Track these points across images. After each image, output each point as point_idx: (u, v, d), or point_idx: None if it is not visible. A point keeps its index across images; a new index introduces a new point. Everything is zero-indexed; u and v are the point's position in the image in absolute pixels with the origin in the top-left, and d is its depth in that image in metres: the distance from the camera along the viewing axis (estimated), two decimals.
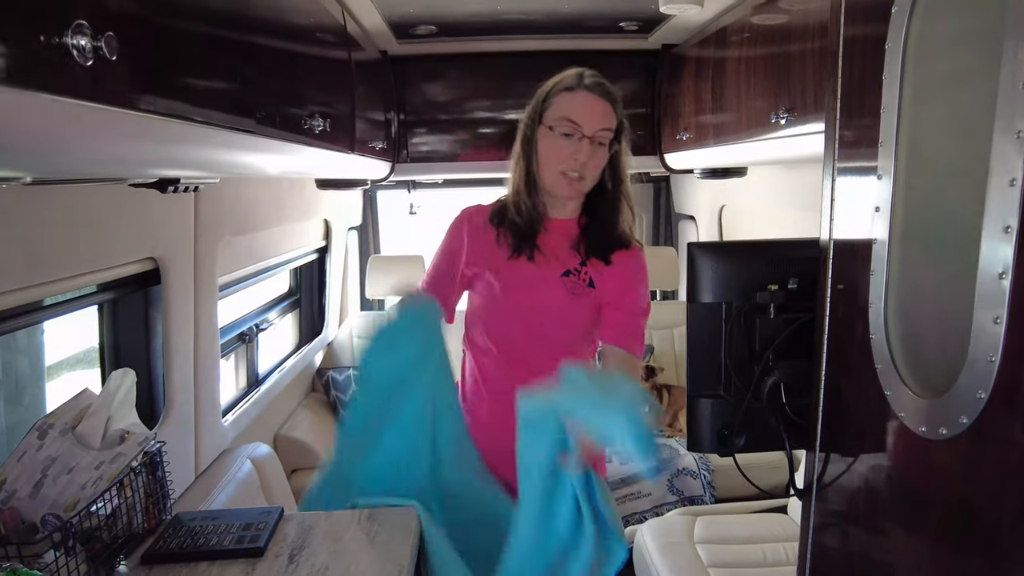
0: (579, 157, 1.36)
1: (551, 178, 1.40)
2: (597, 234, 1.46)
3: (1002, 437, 0.65)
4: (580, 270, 1.45)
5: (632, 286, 1.47)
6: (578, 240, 1.46)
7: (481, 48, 2.78)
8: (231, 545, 1.21)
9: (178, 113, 0.87)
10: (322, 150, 1.69)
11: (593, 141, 1.37)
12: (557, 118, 1.38)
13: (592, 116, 1.37)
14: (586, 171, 1.38)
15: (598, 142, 1.38)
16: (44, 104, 0.62)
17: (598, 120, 1.37)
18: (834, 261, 1.03)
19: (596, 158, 1.39)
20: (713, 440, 1.20)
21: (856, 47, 0.96)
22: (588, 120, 1.36)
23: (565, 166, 1.37)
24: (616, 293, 1.46)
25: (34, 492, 1.08)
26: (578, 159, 1.36)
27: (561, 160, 1.38)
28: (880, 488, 0.90)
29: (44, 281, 1.28)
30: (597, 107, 1.38)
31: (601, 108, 1.38)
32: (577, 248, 1.46)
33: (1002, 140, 0.63)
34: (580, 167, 1.37)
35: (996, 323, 0.65)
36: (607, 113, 1.38)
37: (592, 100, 1.38)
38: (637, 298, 1.48)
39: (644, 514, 2.80)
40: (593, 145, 1.37)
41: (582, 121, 1.36)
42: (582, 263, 1.46)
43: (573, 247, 1.46)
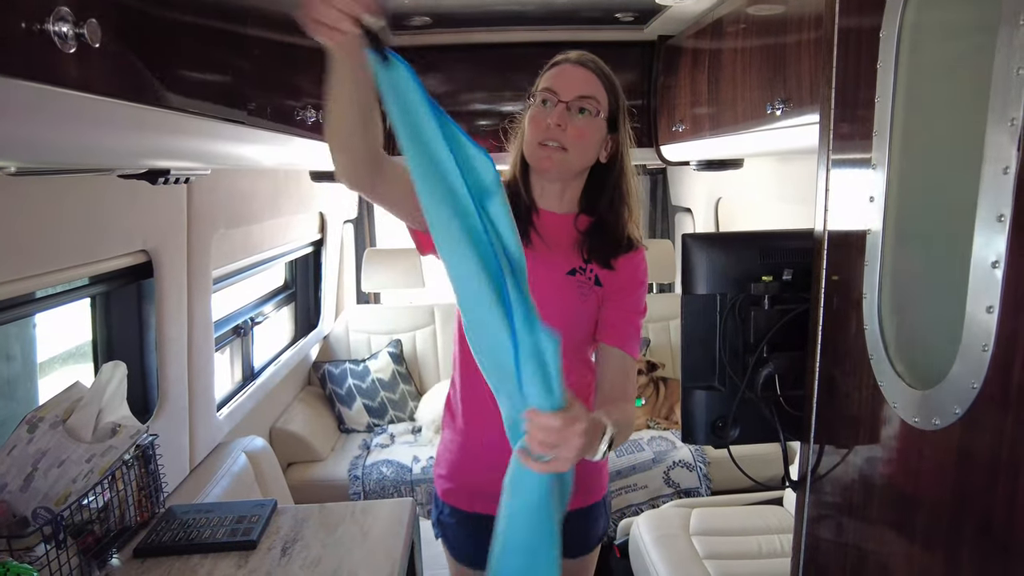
0: (551, 120, 1.28)
1: (532, 152, 1.33)
2: (601, 239, 1.38)
3: (994, 427, 0.65)
4: (586, 268, 1.38)
5: (635, 286, 1.41)
6: (580, 242, 1.39)
7: (476, 39, 2.76)
8: (224, 538, 1.21)
9: (166, 103, 0.86)
10: (315, 141, 1.68)
11: (571, 108, 1.30)
12: (540, 90, 1.34)
13: (569, 82, 1.31)
14: (564, 139, 1.29)
15: (578, 109, 1.30)
16: (24, 91, 0.61)
17: (576, 86, 1.31)
18: (828, 252, 1.02)
19: (576, 127, 1.30)
20: (707, 432, 1.20)
21: (851, 37, 0.96)
22: (564, 86, 1.31)
23: (543, 135, 1.30)
24: (618, 292, 1.39)
25: (25, 485, 1.07)
26: (550, 123, 1.29)
27: (540, 130, 1.31)
28: (874, 479, 0.90)
29: (34, 273, 1.27)
30: (576, 74, 1.32)
31: (580, 75, 1.32)
32: (580, 249, 1.38)
33: (996, 127, 0.63)
34: (557, 134, 1.29)
35: (989, 312, 0.64)
36: (587, 80, 1.32)
37: (571, 68, 1.33)
38: (638, 298, 1.41)
39: (640, 506, 2.81)
40: (571, 113, 1.30)
41: (558, 87, 1.31)
42: (586, 260, 1.38)
43: (574, 246, 1.39)
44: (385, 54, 0.90)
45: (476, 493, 1.43)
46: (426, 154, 0.97)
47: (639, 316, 1.42)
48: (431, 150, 0.97)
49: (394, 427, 3.22)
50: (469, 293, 1.00)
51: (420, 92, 0.94)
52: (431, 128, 0.95)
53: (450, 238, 0.98)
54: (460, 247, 0.98)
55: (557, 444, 0.99)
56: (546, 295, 1.30)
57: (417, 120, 0.95)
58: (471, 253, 0.99)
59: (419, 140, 0.95)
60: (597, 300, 1.38)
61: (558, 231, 1.39)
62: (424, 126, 0.95)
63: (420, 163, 0.96)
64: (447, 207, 0.98)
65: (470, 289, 1.00)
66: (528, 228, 1.36)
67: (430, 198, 0.97)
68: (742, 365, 1.14)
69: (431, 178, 0.97)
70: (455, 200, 0.99)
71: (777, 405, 1.12)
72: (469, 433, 1.43)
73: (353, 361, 3.37)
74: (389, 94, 0.93)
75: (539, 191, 1.39)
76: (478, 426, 1.43)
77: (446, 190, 0.98)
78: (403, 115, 0.94)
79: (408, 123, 0.94)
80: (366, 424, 3.24)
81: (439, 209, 0.98)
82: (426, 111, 0.95)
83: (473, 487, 1.43)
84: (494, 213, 1.02)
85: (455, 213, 0.99)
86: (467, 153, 1.00)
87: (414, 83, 0.93)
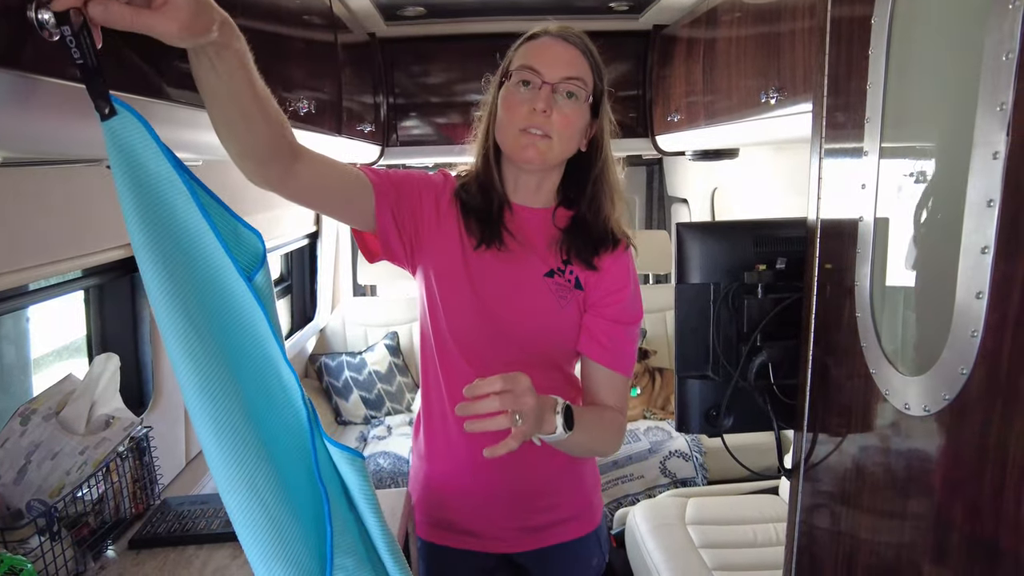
0: (537, 105, 1.12)
1: (511, 140, 1.16)
2: (581, 236, 1.23)
3: (983, 412, 0.65)
4: (564, 269, 1.23)
5: (622, 290, 1.24)
6: (558, 240, 1.23)
7: (471, 29, 2.75)
8: (219, 529, 1.22)
9: (156, 92, 0.85)
10: (308, 132, 1.67)
11: (557, 91, 1.14)
12: (516, 68, 1.16)
13: (555, 61, 1.15)
14: (550, 127, 1.14)
15: (564, 92, 1.14)
16: (12, 82, 0.60)
17: (562, 66, 1.14)
18: (821, 240, 1.02)
19: (563, 114, 1.14)
20: (701, 421, 1.20)
21: (843, 25, 0.95)
22: (549, 65, 1.14)
23: (525, 121, 1.14)
24: (604, 298, 1.24)
25: (18, 478, 1.07)
26: (536, 108, 1.12)
27: (520, 115, 1.14)
28: (867, 466, 0.90)
29: (26, 266, 1.27)
30: (561, 51, 1.16)
31: (566, 53, 1.16)
32: (558, 248, 1.23)
33: (985, 112, 0.62)
34: (542, 121, 1.13)
35: (979, 298, 0.64)
36: (574, 60, 1.16)
37: (555, 43, 1.16)
38: (627, 304, 1.25)
39: (636, 496, 2.82)
40: (558, 95, 1.14)
41: (541, 66, 1.14)
42: (565, 261, 1.23)
43: (552, 245, 1.24)
44: (108, 101, 0.67)
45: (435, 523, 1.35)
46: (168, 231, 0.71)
47: (631, 325, 1.26)
48: (178, 223, 0.72)
49: (391, 419, 3.23)
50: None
51: (162, 151, 0.71)
52: (179, 199, 0.72)
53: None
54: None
55: (511, 404, 0.93)
56: (520, 301, 1.20)
57: (157, 190, 0.71)
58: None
59: (156, 211, 0.71)
60: (578, 306, 1.23)
61: (534, 228, 1.24)
62: (169, 197, 0.72)
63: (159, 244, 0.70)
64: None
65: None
66: (499, 228, 1.21)
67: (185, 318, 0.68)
68: (736, 354, 1.14)
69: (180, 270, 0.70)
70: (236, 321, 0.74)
71: (771, 394, 1.12)
72: (450, 476, 1.31)
73: (350, 353, 3.37)
74: (114, 154, 0.69)
75: (512, 184, 1.24)
76: (461, 467, 1.29)
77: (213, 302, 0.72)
78: (133, 183, 0.69)
79: (144, 195, 0.70)
80: (363, 416, 3.25)
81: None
82: (171, 176, 0.72)
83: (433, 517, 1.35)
84: (262, 287, 0.79)
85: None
86: (231, 225, 0.80)
87: (153, 140, 0.71)
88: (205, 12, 0.72)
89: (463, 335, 1.21)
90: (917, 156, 0.83)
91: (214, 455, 0.68)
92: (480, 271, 1.21)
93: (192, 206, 0.71)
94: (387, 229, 1.17)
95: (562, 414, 1.03)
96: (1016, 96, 0.60)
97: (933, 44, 0.80)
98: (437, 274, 1.22)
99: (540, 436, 1.05)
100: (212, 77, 0.80)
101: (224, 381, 0.69)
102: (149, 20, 0.67)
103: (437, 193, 1.23)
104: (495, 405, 0.94)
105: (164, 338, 0.68)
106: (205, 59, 0.78)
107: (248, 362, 0.75)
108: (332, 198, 1.13)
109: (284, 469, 0.73)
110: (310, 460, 0.79)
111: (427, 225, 1.21)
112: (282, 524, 0.70)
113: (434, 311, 1.23)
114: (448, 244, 1.21)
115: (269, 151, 0.93)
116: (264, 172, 0.97)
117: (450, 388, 1.24)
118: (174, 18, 0.68)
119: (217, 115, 0.87)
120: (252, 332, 0.75)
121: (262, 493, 0.69)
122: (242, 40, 0.81)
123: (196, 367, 0.67)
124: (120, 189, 0.69)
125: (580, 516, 1.34)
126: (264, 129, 0.89)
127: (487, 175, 1.22)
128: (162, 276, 0.68)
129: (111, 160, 0.69)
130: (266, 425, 0.73)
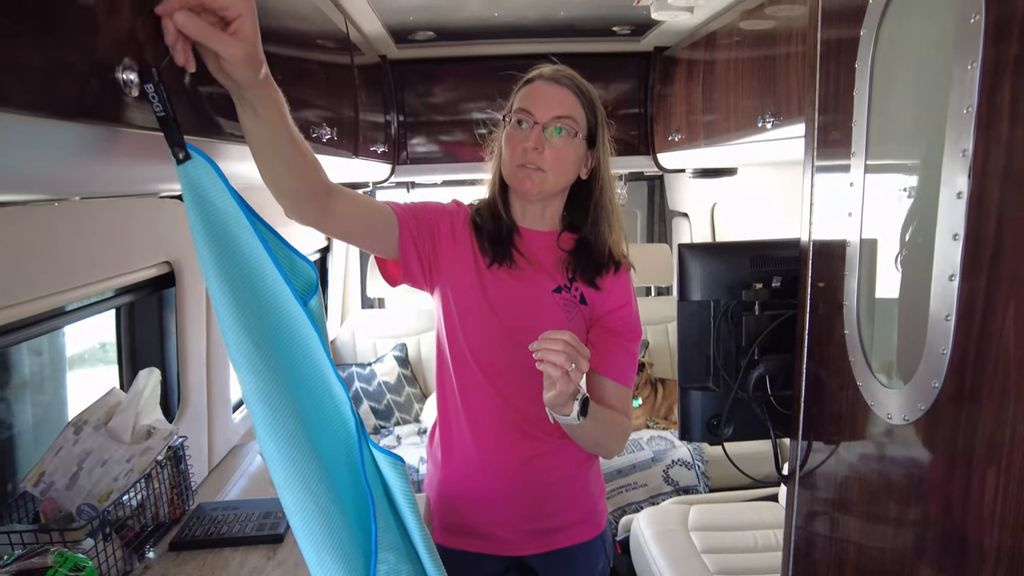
0: (528, 144, 1.25)
1: (511, 173, 1.30)
2: (585, 257, 1.35)
3: (952, 421, 0.73)
4: (570, 286, 1.35)
5: (624, 307, 1.37)
6: (564, 261, 1.36)
7: (477, 52, 2.84)
8: (252, 532, 1.29)
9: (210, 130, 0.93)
10: (331, 157, 1.75)
11: (548, 128, 1.26)
12: (515, 110, 1.30)
13: (545, 102, 1.27)
14: (542, 162, 1.26)
15: (555, 129, 1.27)
16: (98, 133, 0.69)
17: (552, 106, 1.27)
18: (814, 260, 1.09)
19: (554, 149, 1.27)
20: (703, 429, 1.26)
21: (831, 57, 1.03)
22: (540, 106, 1.27)
23: (521, 158, 1.27)
24: (607, 315, 1.36)
25: (70, 483, 1.15)
26: (527, 146, 1.25)
27: (517, 153, 1.28)
28: (856, 472, 0.97)
29: (65, 288, 1.34)
30: (551, 93, 1.28)
31: (557, 94, 1.28)
32: (564, 267, 1.35)
33: (951, 157, 0.71)
34: (535, 157, 1.26)
35: (947, 320, 0.73)
36: (564, 100, 1.28)
37: (545, 87, 1.29)
38: (628, 319, 1.37)
39: (640, 504, 2.89)
40: (549, 133, 1.26)
41: (534, 107, 1.27)
42: (571, 279, 1.35)
43: (559, 265, 1.36)
44: (183, 147, 0.76)
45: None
46: (238, 266, 0.80)
47: (633, 340, 1.38)
48: (244, 259, 0.80)
49: (400, 429, 3.30)
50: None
51: (228, 191, 0.79)
52: (244, 233, 0.80)
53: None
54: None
55: (573, 355, 1.07)
56: (531, 314, 1.31)
57: (225, 225, 0.79)
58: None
59: (227, 248, 0.79)
60: (584, 320, 1.35)
61: (541, 250, 1.36)
62: (235, 231, 0.80)
63: (231, 280, 0.78)
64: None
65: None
66: (510, 248, 1.33)
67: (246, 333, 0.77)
68: (735, 367, 1.20)
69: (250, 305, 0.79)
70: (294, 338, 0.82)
71: (768, 404, 1.18)
72: (463, 481, 1.39)
73: (359, 365, 3.45)
74: (188, 193, 0.77)
75: (519, 210, 1.37)
76: (473, 472, 1.37)
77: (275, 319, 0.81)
78: (205, 219, 0.78)
79: (214, 230, 0.79)
80: (373, 426, 3.32)
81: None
82: (236, 213, 0.80)
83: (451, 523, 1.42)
84: (315, 310, 0.87)
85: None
86: (287, 255, 0.87)
87: (221, 181, 0.79)
88: (260, 49, 0.82)
89: (479, 345, 1.32)
90: (897, 188, 0.91)
91: (273, 458, 0.77)
92: (494, 286, 1.32)
93: (255, 239, 0.80)
94: (408, 255, 1.29)
95: (579, 402, 1.15)
96: (975, 144, 0.68)
97: (908, 85, 0.89)
98: (454, 291, 1.33)
99: (556, 416, 1.15)
100: (256, 126, 0.90)
101: (282, 393, 0.77)
102: (223, 39, 0.76)
103: (452, 219, 1.36)
104: (560, 355, 1.06)
105: (230, 354, 0.77)
106: (249, 109, 0.88)
107: (303, 376, 0.83)
108: (364, 231, 1.25)
109: (333, 471, 0.82)
110: (356, 463, 0.87)
111: (444, 247, 1.33)
112: (332, 519, 0.78)
113: (451, 325, 1.34)
114: (464, 264, 1.33)
115: (307, 190, 1.04)
116: (302, 210, 1.08)
117: (464, 397, 1.34)
118: (241, 43, 0.78)
119: (261, 160, 0.97)
120: (306, 350, 0.83)
121: (315, 491, 0.77)
122: (280, 93, 0.90)
123: (258, 380, 0.76)
124: (193, 224, 0.78)
125: (586, 520, 1.42)
126: (302, 171, 1.00)
127: (496, 203, 1.36)
128: (229, 300, 0.77)
129: (185, 199, 0.78)
130: (317, 431, 0.82)
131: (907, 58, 0.87)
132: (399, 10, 2.25)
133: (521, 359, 1.26)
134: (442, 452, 1.41)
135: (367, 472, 0.88)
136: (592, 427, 1.22)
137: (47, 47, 0.59)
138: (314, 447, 0.79)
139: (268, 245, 0.82)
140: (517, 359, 1.28)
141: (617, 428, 1.34)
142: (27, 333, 1.33)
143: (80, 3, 0.64)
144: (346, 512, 0.81)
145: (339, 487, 0.82)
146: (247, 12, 0.77)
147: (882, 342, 0.93)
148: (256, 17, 0.79)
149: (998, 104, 0.66)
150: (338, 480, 0.83)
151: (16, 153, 0.61)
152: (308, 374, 0.84)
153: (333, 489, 0.80)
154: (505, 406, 1.32)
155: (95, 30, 0.66)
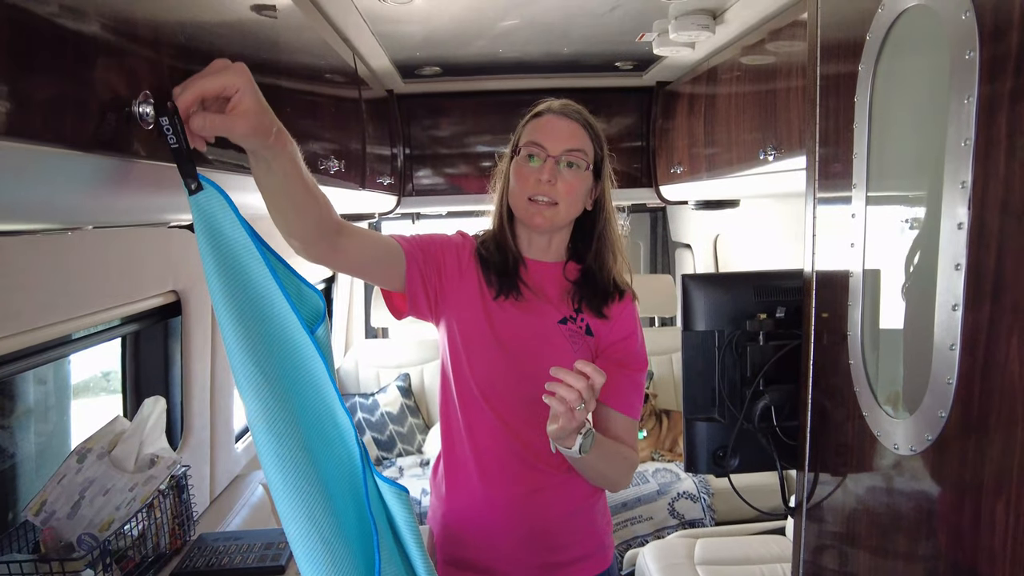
0: (541, 177, 1.28)
1: (522, 206, 1.31)
2: (590, 287, 1.36)
3: (960, 451, 0.73)
4: (576, 317, 1.35)
5: (630, 338, 1.38)
6: (570, 292, 1.37)
7: (483, 87, 2.89)
8: (254, 564, 1.28)
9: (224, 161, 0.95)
10: (337, 188, 1.78)
11: (560, 162, 1.29)
12: (524, 144, 1.32)
13: (556, 136, 1.30)
14: (555, 194, 1.29)
15: (566, 163, 1.30)
16: (114, 165, 0.71)
17: (563, 140, 1.30)
18: (817, 291, 1.10)
19: (566, 182, 1.29)
20: (709, 461, 1.25)
21: (831, 92, 1.05)
22: (552, 139, 1.30)
23: (532, 191, 1.29)
24: (612, 345, 1.36)
25: (72, 512, 1.15)
26: (541, 179, 1.28)
27: (529, 185, 1.29)
28: (864, 505, 0.96)
29: (72, 317, 1.34)
30: (562, 127, 1.31)
31: (567, 128, 1.31)
32: (570, 298, 1.37)
33: (950, 189, 0.72)
34: (547, 189, 1.28)
35: (952, 350, 0.73)
36: (574, 133, 1.31)
37: (556, 120, 1.32)
38: (634, 351, 1.38)
39: (645, 537, 2.85)
40: (561, 166, 1.29)
41: (545, 141, 1.30)
42: (577, 309, 1.36)
43: (564, 295, 1.37)
44: (195, 178, 0.78)
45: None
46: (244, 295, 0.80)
47: (640, 371, 1.38)
48: (253, 288, 0.81)
49: (402, 460, 3.27)
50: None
51: (239, 220, 0.81)
52: (253, 262, 0.81)
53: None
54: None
55: (585, 392, 1.07)
56: (537, 346, 1.32)
57: (235, 254, 0.81)
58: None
59: (236, 276, 0.80)
60: (590, 351, 1.35)
61: (547, 281, 1.37)
62: (245, 260, 0.81)
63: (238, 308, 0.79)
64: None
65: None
66: (516, 280, 1.34)
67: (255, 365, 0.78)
68: (740, 397, 1.19)
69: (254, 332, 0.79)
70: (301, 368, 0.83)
71: (774, 435, 1.17)
72: (472, 518, 1.37)
73: (363, 395, 3.44)
74: (199, 223, 0.79)
75: (525, 242, 1.38)
76: (486, 507, 1.35)
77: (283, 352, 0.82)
78: (215, 248, 0.79)
79: (224, 259, 0.80)
80: (375, 457, 3.30)
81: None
82: (246, 242, 0.81)
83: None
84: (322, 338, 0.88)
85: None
86: (296, 284, 0.88)
87: (232, 211, 0.81)
88: (266, 114, 0.83)
89: (484, 376, 1.32)
90: (898, 219, 0.92)
91: (277, 487, 0.77)
92: (500, 318, 1.32)
93: (264, 268, 0.81)
94: (415, 287, 1.30)
95: (583, 436, 1.14)
96: (974, 176, 0.69)
97: (905, 128, 0.90)
98: (460, 322, 1.33)
99: (559, 447, 1.15)
100: (269, 178, 0.91)
101: (288, 422, 0.77)
102: (227, 122, 0.79)
103: (458, 250, 1.37)
104: (573, 393, 1.07)
105: (237, 382, 0.78)
106: (263, 163, 0.89)
107: (309, 405, 0.83)
108: (372, 267, 1.27)
109: (338, 501, 0.81)
110: (361, 494, 0.87)
111: (450, 279, 1.34)
112: (336, 550, 0.78)
113: (456, 356, 1.34)
114: (470, 295, 1.33)
115: (317, 232, 1.06)
116: (312, 250, 1.09)
117: (469, 429, 1.33)
118: (244, 118, 0.79)
119: (273, 208, 0.98)
120: (313, 379, 0.84)
121: (319, 522, 0.77)
122: (294, 144, 0.92)
123: (264, 409, 0.76)
124: (203, 253, 0.79)
125: (593, 555, 1.40)
126: (313, 214, 1.01)
127: (502, 235, 1.37)
128: (237, 328, 0.78)
129: (196, 228, 0.79)
130: (323, 461, 0.82)
131: (905, 92, 0.89)
132: (406, 46, 2.30)
133: (527, 391, 1.26)
134: (446, 484, 1.40)
135: (371, 502, 0.88)
136: (597, 460, 1.21)
137: (68, 82, 0.61)
138: (319, 476, 0.79)
139: (277, 274, 0.83)
140: (523, 391, 1.29)
141: (623, 461, 1.33)
142: (34, 361, 1.34)
143: (102, 41, 0.66)
144: (350, 543, 0.81)
145: (343, 517, 0.82)
146: (245, 85, 0.79)
147: (887, 372, 0.93)
148: (255, 88, 0.80)
149: (994, 137, 0.68)
150: (342, 510, 0.83)
151: (34, 183, 0.63)
152: (314, 403, 0.84)
153: (337, 519, 0.79)
154: (511, 438, 1.32)
155: (114, 66, 0.68)
